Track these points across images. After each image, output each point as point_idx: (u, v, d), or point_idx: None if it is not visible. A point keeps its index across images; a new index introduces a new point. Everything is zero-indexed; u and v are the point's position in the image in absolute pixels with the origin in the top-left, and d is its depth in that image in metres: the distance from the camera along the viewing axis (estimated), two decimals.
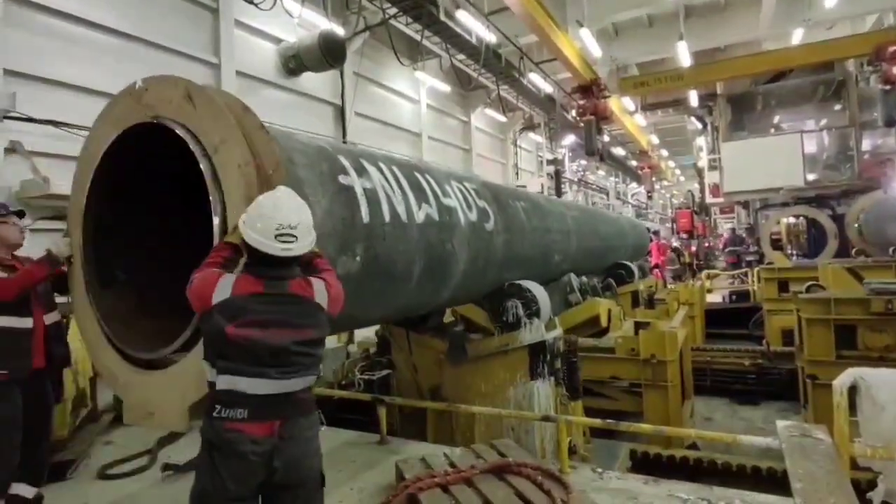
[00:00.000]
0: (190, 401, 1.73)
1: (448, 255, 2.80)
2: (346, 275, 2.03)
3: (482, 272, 3.41)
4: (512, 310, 3.90)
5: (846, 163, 12.86)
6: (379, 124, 12.60)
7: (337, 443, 3.84)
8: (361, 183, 2.19)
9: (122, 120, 1.94)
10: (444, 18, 11.30)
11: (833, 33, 13.23)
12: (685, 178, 38.65)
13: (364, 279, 2.16)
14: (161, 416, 1.80)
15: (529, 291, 3.94)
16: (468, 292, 3.61)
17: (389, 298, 2.51)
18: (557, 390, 3.81)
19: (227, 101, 1.82)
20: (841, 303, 4.96)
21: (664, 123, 25.72)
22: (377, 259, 2.20)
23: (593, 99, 12.56)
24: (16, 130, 5.47)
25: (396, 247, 2.33)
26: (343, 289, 1.85)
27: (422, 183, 2.73)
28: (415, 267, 2.50)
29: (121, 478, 3.51)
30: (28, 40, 5.77)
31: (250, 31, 8.99)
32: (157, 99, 1.89)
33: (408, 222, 2.42)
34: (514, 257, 3.95)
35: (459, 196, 3.14)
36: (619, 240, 8.45)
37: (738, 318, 10.68)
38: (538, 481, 2.54)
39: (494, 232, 3.48)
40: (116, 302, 1.96)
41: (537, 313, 3.89)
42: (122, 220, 2.07)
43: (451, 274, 2.93)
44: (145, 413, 1.84)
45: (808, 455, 2.05)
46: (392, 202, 2.34)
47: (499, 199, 3.89)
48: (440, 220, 2.71)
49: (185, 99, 1.81)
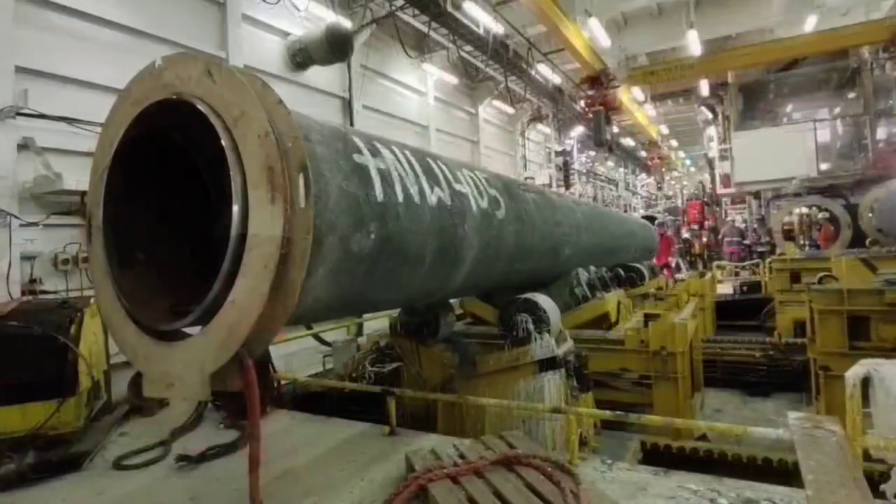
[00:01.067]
0: (209, 370, 1.76)
1: (460, 240, 2.80)
2: (360, 252, 2.03)
3: (493, 261, 3.41)
4: (522, 324, 3.92)
5: (860, 152, 12.68)
6: (386, 117, 12.57)
7: (347, 435, 3.87)
8: (375, 163, 2.20)
9: (142, 99, 1.96)
10: (451, 10, 11.23)
11: (847, 20, 12.98)
12: (695, 168, 38.29)
13: (378, 258, 2.15)
14: (182, 387, 1.84)
15: (543, 310, 3.97)
16: (478, 281, 3.60)
17: (403, 281, 2.50)
18: (567, 383, 3.82)
19: (247, 76, 1.84)
20: (854, 294, 4.90)
21: (674, 114, 25.49)
22: (391, 238, 2.20)
23: (602, 89, 12.49)
24: (28, 127, 5.53)
25: (410, 227, 2.32)
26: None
27: (434, 168, 2.73)
28: (427, 250, 2.49)
29: (135, 469, 3.57)
30: (39, 38, 5.81)
31: (257, 25, 8.99)
32: (176, 76, 1.90)
33: (420, 203, 2.42)
34: (524, 248, 3.93)
35: (471, 183, 3.12)
36: (629, 239, 8.41)
37: (748, 310, 10.60)
38: (548, 473, 2.55)
39: (505, 221, 3.46)
40: (136, 280, 2.00)
41: (547, 328, 3.91)
42: (139, 202, 2.10)
43: (463, 260, 2.92)
44: (166, 384, 1.87)
45: (820, 447, 2.04)
46: (405, 183, 2.33)
47: (510, 189, 3.87)
48: (452, 204, 2.70)
49: (204, 74, 1.83)
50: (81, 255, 6.05)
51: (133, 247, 2.05)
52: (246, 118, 1.74)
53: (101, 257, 2.00)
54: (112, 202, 2.00)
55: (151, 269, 2.08)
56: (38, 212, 5.56)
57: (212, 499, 3.12)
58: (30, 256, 5.27)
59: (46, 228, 5.56)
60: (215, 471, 3.47)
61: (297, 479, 3.07)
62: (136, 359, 1.95)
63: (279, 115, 1.76)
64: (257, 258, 1.68)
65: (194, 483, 3.33)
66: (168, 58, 1.98)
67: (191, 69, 1.87)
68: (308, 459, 3.39)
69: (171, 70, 1.92)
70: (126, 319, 1.95)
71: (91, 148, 6.63)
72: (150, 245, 2.10)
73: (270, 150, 1.69)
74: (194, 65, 1.87)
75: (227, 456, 3.67)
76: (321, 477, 3.21)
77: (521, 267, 4.01)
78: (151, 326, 1.91)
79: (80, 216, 5.84)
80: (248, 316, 1.68)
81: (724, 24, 14.45)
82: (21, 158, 5.46)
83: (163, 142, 2.05)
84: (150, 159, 2.05)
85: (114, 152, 1.98)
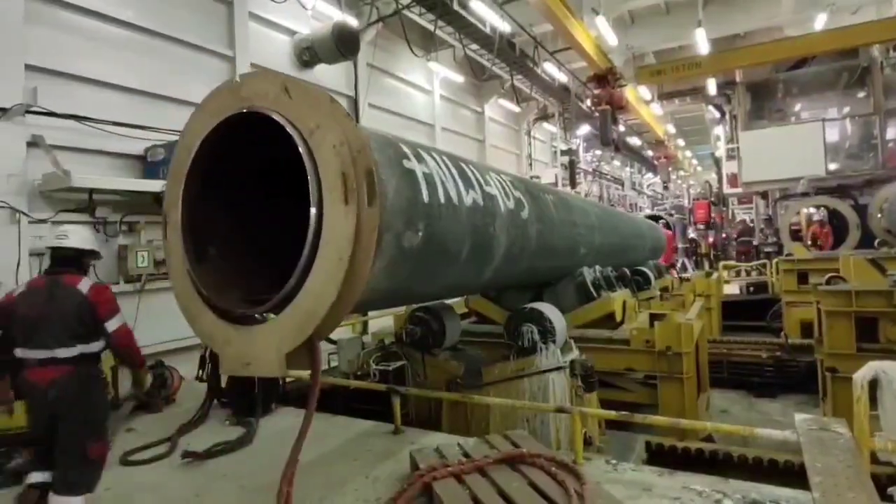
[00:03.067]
0: (285, 349, 1.98)
1: (490, 237, 3.01)
2: (410, 248, 2.25)
3: (518, 258, 3.57)
4: (528, 335, 3.95)
5: (869, 152, 12.55)
6: (393, 115, 12.57)
7: (352, 433, 3.88)
8: (421, 168, 2.43)
9: (220, 111, 2.16)
10: (458, 8, 11.21)
11: (858, 18, 12.85)
12: (702, 168, 38.06)
13: (423, 254, 2.39)
14: (258, 365, 2.06)
15: (549, 320, 4.00)
16: (504, 276, 3.74)
17: (442, 274, 2.75)
18: (572, 382, 3.81)
19: (319, 92, 2.08)
20: (862, 295, 4.86)
21: (681, 112, 25.33)
22: (434, 236, 2.43)
23: (609, 88, 12.41)
24: (38, 125, 5.57)
25: (450, 226, 2.57)
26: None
27: (467, 172, 2.94)
28: (464, 247, 2.74)
29: (142, 464, 3.60)
30: (48, 36, 5.85)
31: (264, 23, 9.01)
32: (253, 92, 2.12)
33: (458, 205, 2.66)
34: (545, 246, 4.05)
35: (498, 185, 3.31)
36: (639, 239, 8.45)
37: (755, 310, 10.54)
38: (552, 472, 2.55)
39: (529, 221, 3.62)
40: (211, 273, 2.22)
41: (553, 339, 3.93)
42: (212, 202, 2.31)
43: (493, 256, 3.13)
44: (242, 364, 2.10)
45: (827, 449, 2.03)
46: (445, 186, 2.57)
47: (531, 191, 4.02)
48: (484, 205, 2.93)
49: (282, 91, 2.06)
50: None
51: (207, 242, 2.28)
52: (321, 130, 1.98)
53: (178, 253, 2.22)
54: (188, 203, 2.23)
55: (224, 262, 2.31)
56: (47, 209, 5.60)
57: (217, 495, 3.14)
58: (39, 253, 5.30)
59: (55, 225, 5.61)
60: (221, 467, 3.50)
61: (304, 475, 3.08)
62: (215, 343, 2.19)
63: (348, 126, 1.99)
64: (333, 252, 1.91)
65: (200, 479, 3.35)
66: (245, 75, 2.24)
67: (268, 86, 2.10)
68: (313, 457, 3.40)
69: (248, 86, 2.15)
70: (204, 308, 2.18)
71: (98, 146, 6.70)
72: (221, 241, 2.33)
73: (344, 158, 1.93)
74: (272, 82, 2.10)
75: (232, 453, 3.69)
76: (327, 474, 3.22)
77: (541, 265, 4.09)
78: (229, 312, 2.13)
79: (89, 213, 5.88)
80: (322, 303, 1.90)
81: (733, 22, 14.33)
82: (30, 156, 5.50)
83: (234, 149, 2.26)
84: (222, 166, 2.27)
85: (192, 159, 2.19)
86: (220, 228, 2.34)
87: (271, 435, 4.01)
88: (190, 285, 2.20)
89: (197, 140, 2.18)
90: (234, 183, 2.35)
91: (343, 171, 1.92)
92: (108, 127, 6.17)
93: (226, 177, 2.30)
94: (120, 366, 4.30)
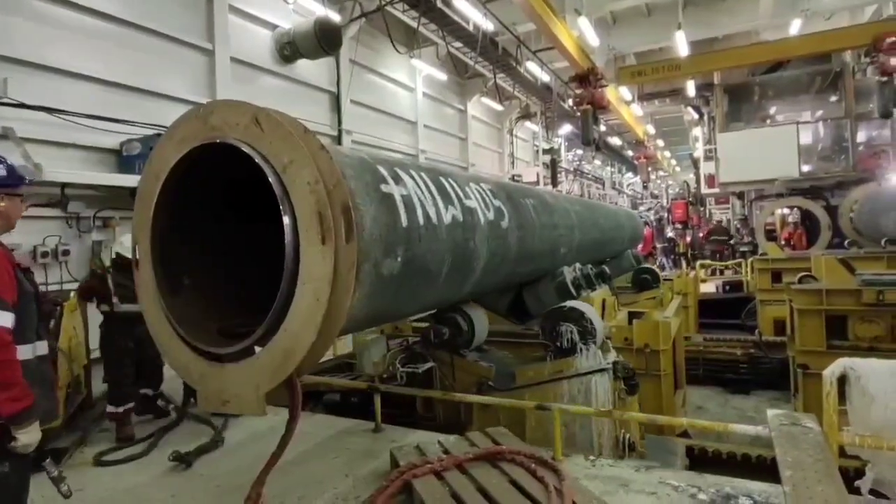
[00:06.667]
0: (264, 389, 1.92)
1: (471, 252, 2.98)
2: (389, 275, 2.20)
3: (499, 267, 3.54)
4: (567, 335, 3.76)
5: (841, 154, 12.88)
6: (375, 112, 12.51)
7: (332, 431, 3.87)
8: (398, 190, 2.36)
9: (189, 139, 2.08)
10: (441, 5, 11.20)
11: (831, 24, 13.19)
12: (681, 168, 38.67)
13: (404, 278, 2.34)
14: (238, 404, 1.99)
15: (589, 320, 3.81)
16: (485, 286, 3.70)
17: (423, 294, 2.71)
18: (615, 384, 3.67)
19: (292, 124, 1.98)
20: (833, 293, 5.00)
21: (661, 113, 25.68)
22: (414, 259, 2.38)
23: (590, 88, 12.47)
24: (7, 117, 5.41)
25: (430, 247, 2.51)
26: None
27: (446, 186, 2.89)
28: (444, 265, 2.69)
29: (116, 465, 3.53)
30: (20, 25, 5.68)
31: (245, 16, 8.88)
32: (223, 121, 2.03)
33: (437, 224, 2.60)
34: (525, 252, 4.00)
35: (478, 197, 3.27)
36: (618, 231, 8.50)
37: (731, 309, 10.75)
38: (531, 468, 2.57)
39: (509, 230, 3.58)
40: (185, 306, 2.13)
41: (593, 339, 3.76)
42: (185, 231, 2.23)
43: (474, 270, 3.10)
44: (220, 401, 2.03)
45: (798, 443, 2.08)
46: (424, 206, 2.51)
47: (512, 198, 3.93)
48: (463, 220, 2.89)
49: (252, 122, 1.97)
50: (61, 248, 5.95)
51: (180, 273, 2.19)
52: (295, 166, 1.89)
53: (150, 284, 2.14)
54: (158, 231, 2.15)
55: (198, 292, 2.22)
56: None
57: (193, 495, 3.10)
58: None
59: (26, 220, 5.42)
60: (197, 468, 3.45)
61: (284, 475, 3.05)
62: (191, 377, 2.11)
63: (322, 161, 1.91)
64: (310, 292, 1.85)
65: (176, 480, 3.30)
66: (214, 103, 2.13)
67: (238, 116, 2.00)
68: (293, 455, 3.38)
69: (218, 114, 2.06)
70: (178, 341, 2.09)
71: (72, 139, 6.56)
72: (195, 270, 2.24)
73: (320, 197, 1.86)
74: (242, 112, 2.00)
75: (209, 453, 3.64)
76: (306, 472, 3.20)
77: (521, 270, 4.05)
78: (203, 349, 2.04)
79: (61, 208, 5.74)
80: (302, 343, 1.84)
81: (712, 25, 14.60)
82: (0, 149, 5.34)
83: (204, 176, 2.18)
84: (191, 194, 2.19)
85: (160, 187, 2.11)
86: (194, 257, 2.25)
87: (248, 434, 3.97)
88: (163, 317, 2.11)
89: (166, 167, 2.11)
90: (206, 209, 2.27)
91: (318, 210, 1.84)
92: (82, 120, 6.02)
93: (197, 203, 2.22)
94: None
